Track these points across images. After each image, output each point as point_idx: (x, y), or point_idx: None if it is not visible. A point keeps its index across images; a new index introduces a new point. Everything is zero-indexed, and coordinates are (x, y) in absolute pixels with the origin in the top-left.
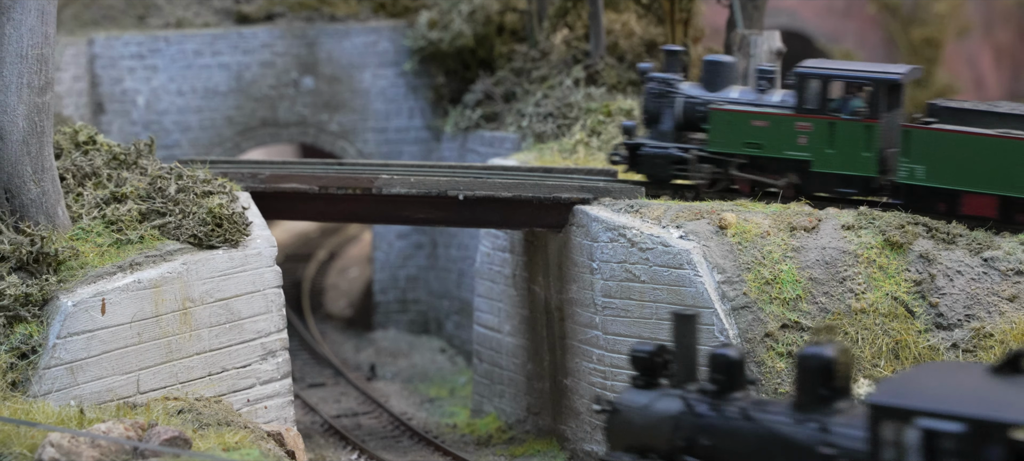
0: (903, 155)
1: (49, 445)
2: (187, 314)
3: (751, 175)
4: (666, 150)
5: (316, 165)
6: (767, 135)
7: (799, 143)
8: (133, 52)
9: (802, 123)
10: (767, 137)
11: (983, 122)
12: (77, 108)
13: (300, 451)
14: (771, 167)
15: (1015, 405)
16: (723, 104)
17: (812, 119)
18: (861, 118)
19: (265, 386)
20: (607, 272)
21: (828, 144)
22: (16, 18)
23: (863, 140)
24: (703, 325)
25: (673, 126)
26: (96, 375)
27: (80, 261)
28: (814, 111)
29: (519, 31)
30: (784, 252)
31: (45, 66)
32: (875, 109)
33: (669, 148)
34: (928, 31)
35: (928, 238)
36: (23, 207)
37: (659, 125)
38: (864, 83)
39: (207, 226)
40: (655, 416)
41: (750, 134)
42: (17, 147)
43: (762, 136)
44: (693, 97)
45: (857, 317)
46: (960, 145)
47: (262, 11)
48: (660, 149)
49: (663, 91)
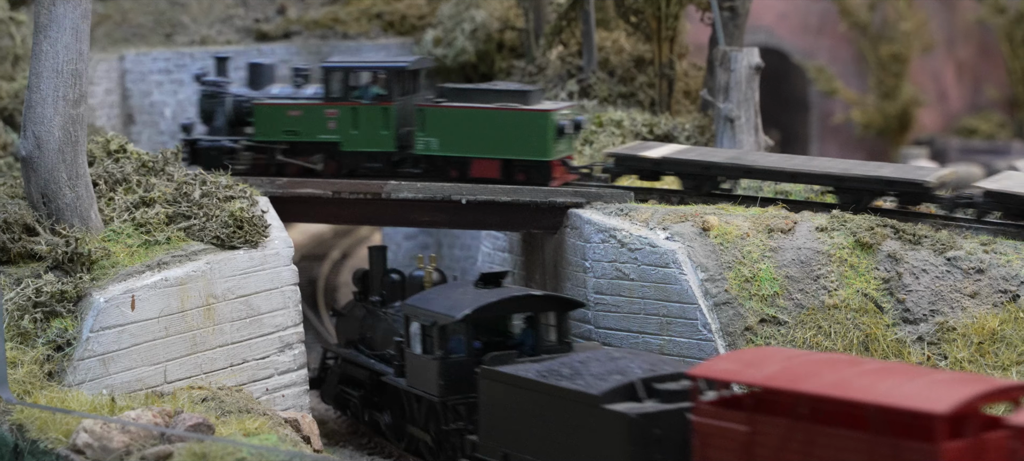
0: (419, 130)
1: (83, 430)
2: (210, 309)
3: (292, 159)
4: (219, 143)
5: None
6: (302, 123)
7: (329, 128)
8: (161, 67)
9: (330, 110)
10: (302, 125)
11: (483, 98)
12: (109, 119)
13: (315, 436)
14: (308, 150)
15: (458, 305)
16: (264, 99)
17: (338, 106)
18: (379, 102)
19: (282, 376)
20: (599, 271)
21: (352, 126)
22: (52, 36)
23: (381, 121)
24: (687, 320)
25: (225, 122)
26: (126, 366)
27: (111, 261)
28: (339, 99)
29: (517, 48)
30: (762, 252)
31: (79, 80)
32: (391, 93)
33: (222, 141)
34: (895, 48)
35: (896, 239)
36: (59, 211)
37: (213, 122)
38: (380, 72)
39: (229, 228)
40: (354, 319)
41: (288, 123)
42: (53, 155)
43: (298, 124)
44: (240, 96)
45: (830, 312)
46: (465, 119)
47: (280, 29)
48: (214, 142)
49: (214, 93)
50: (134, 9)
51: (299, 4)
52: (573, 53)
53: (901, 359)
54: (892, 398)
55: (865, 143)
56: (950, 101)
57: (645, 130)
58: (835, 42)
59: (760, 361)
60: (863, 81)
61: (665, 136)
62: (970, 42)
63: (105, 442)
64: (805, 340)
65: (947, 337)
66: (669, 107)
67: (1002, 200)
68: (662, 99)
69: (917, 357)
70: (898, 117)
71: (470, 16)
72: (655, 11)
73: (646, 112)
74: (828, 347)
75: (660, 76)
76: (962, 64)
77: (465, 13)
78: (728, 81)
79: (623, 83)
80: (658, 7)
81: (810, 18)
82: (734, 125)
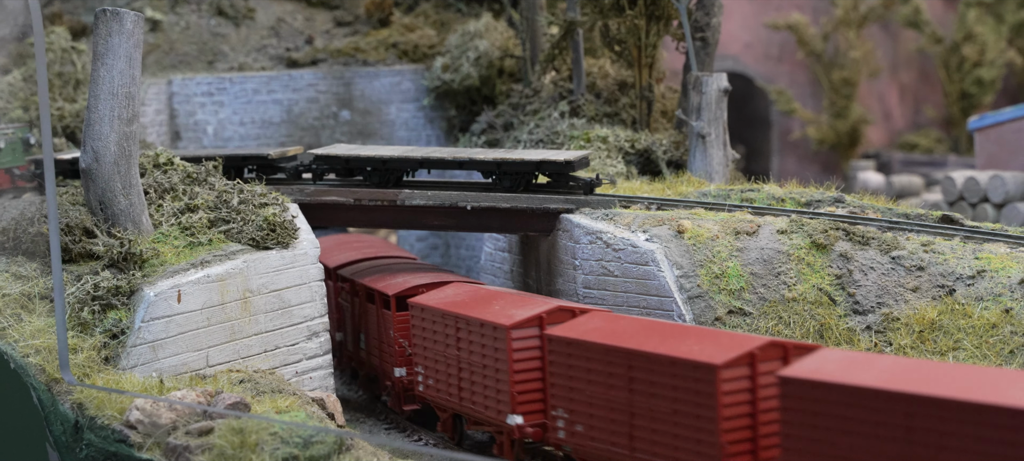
0: None
1: (135, 408)
2: (247, 302)
3: None
4: None
5: (351, 181)
6: None
7: None
8: (204, 90)
9: None
10: None
11: None
12: (158, 136)
13: (338, 414)
14: None
15: None
16: None
17: None
18: None
19: (310, 361)
20: (587, 268)
21: None
22: (109, 63)
23: None
24: (664, 311)
25: None
26: (173, 352)
27: (160, 259)
28: None
29: (516, 73)
30: (730, 252)
31: (132, 102)
32: None
33: None
34: (846, 73)
35: (847, 240)
36: (114, 216)
37: None
38: None
39: (263, 231)
40: None
41: None
42: (109, 167)
43: None
44: None
45: (789, 305)
46: None
47: (308, 57)
48: None
49: None
50: (180, 39)
51: (325, 35)
52: (564, 78)
53: (852, 346)
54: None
55: (820, 156)
56: (894, 120)
57: (627, 146)
58: (793, 68)
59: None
60: (818, 102)
61: (644, 151)
62: (911, 68)
63: (154, 418)
64: (768, 329)
65: (892, 327)
66: (648, 125)
67: (328, 161)
68: (642, 118)
69: (866, 344)
70: (848, 134)
71: (474, 45)
72: (636, 41)
73: (628, 129)
74: (788, 335)
75: (640, 98)
76: (904, 87)
77: (470, 43)
78: (700, 102)
79: (608, 104)
80: (639, 38)
81: (771, 47)
82: (705, 141)
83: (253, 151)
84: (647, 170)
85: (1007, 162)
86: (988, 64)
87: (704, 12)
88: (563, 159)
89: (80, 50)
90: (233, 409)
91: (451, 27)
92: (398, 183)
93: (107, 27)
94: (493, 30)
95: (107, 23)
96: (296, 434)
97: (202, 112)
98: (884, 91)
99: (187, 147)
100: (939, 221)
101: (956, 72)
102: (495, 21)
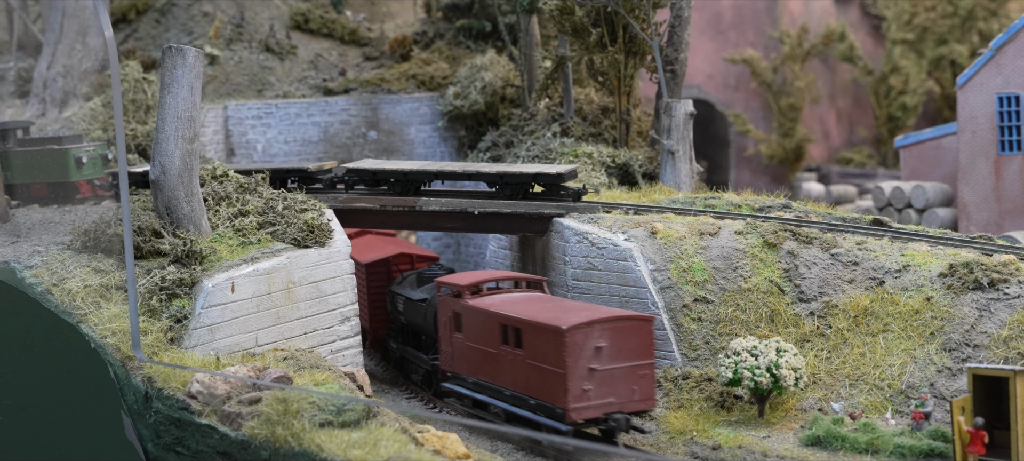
0: None
1: (196, 381)
2: (290, 292)
3: None
4: None
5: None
6: None
7: None
8: (254, 114)
9: None
10: None
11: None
12: (215, 152)
13: (367, 386)
14: None
15: None
16: None
17: None
18: None
19: (343, 341)
20: (575, 263)
21: None
22: (174, 91)
23: None
24: (640, 300)
25: None
26: (228, 334)
27: (217, 256)
28: None
29: (515, 99)
30: (696, 249)
31: (193, 124)
32: None
33: None
34: (792, 99)
35: (794, 240)
36: (178, 220)
37: None
38: None
39: (303, 232)
40: None
41: None
42: (174, 179)
43: None
44: None
45: (745, 294)
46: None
47: (341, 87)
48: None
49: None
50: (235, 72)
51: (355, 68)
52: (556, 103)
53: (798, 329)
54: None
55: (770, 169)
56: (832, 138)
57: (609, 160)
58: (748, 96)
59: None
60: (768, 124)
61: (623, 165)
62: (847, 95)
63: (212, 390)
64: (727, 315)
65: (832, 312)
66: (627, 143)
67: (358, 173)
68: (621, 137)
69: (809, 327)
70: (794, 150)
71: (481, 76)
72: (616, 73)
73: (610, 147)
74: (744, 320)
75: (620, 120)
76: (841, 112)
77: (477, 74)
78: (670, 124)
79: (593, 125)
80: (619, 70)
81: (730, 78)
82: (674, 157)
83: (295, 165)
84: (626, 181)
85: (927, 174)
86: (911, 92)
87: (673, 49)
88: (555, 172)
89: (150, 81)
90: (278, 382)
91: (461, 61)
92: (417, 192)
93: (172, 61)
94: (497, 64)
95: (172, 58)
96: (331, 403)
97: (252, 132)
98: (824, 115)
99: (240, 162)
100: (871, 224)
101: (884, 99)
102: (498, 56)
